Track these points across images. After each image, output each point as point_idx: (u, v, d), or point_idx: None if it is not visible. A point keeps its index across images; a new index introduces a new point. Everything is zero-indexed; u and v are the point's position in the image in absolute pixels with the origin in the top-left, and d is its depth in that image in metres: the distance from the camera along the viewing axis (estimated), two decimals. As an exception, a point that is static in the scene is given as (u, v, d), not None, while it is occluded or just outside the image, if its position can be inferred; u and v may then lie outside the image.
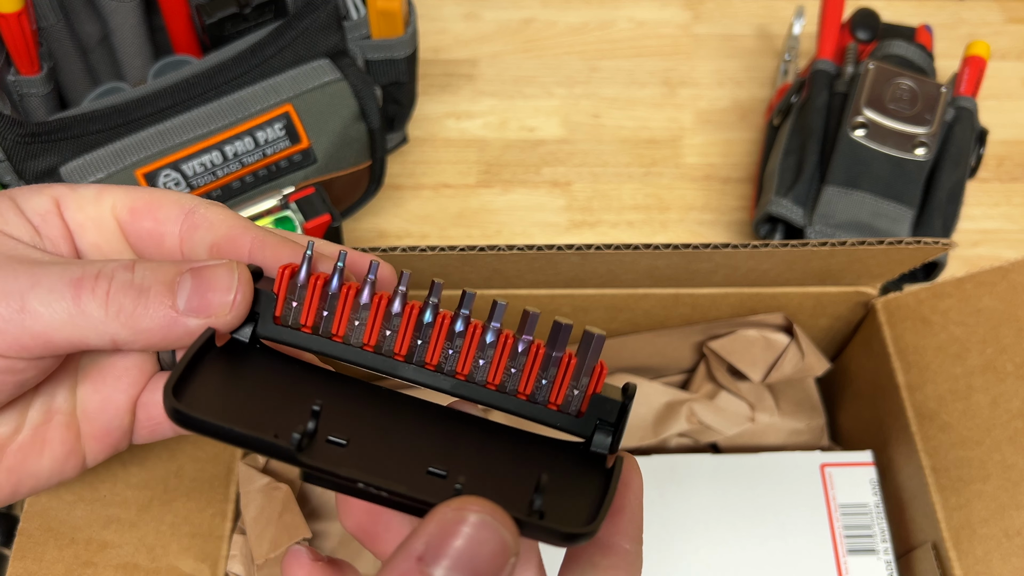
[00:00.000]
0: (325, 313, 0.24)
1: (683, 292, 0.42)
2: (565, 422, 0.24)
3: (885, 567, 0.39)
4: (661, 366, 0.47)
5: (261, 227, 0.27)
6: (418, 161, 0.58)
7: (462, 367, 0.24)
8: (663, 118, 0.61)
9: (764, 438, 0.45)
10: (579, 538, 0.20)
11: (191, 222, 0.26)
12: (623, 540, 0.22)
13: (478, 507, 0.19)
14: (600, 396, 0.24)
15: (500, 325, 0.24)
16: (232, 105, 0.45)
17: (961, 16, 0.66)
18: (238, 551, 0.38)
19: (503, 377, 0.24)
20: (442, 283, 0.24)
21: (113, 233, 0.27)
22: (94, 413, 0.28)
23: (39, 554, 0.32)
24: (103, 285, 0.24)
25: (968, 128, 0.52)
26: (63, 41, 0.48)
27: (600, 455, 0.24)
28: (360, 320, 0.24)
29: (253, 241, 0.26)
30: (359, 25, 0.47)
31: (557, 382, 0.24)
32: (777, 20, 0.65)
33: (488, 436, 0.25)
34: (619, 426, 0.24)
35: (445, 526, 0.19)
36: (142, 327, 0.24)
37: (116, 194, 0.27)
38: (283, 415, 0.22)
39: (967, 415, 0.38)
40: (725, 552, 0.39)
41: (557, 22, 0.65)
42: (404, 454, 0.23)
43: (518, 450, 0.24)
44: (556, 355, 0.24)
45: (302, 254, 0.24)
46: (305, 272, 0.24)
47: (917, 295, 0.41)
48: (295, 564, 0.24)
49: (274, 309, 0.24)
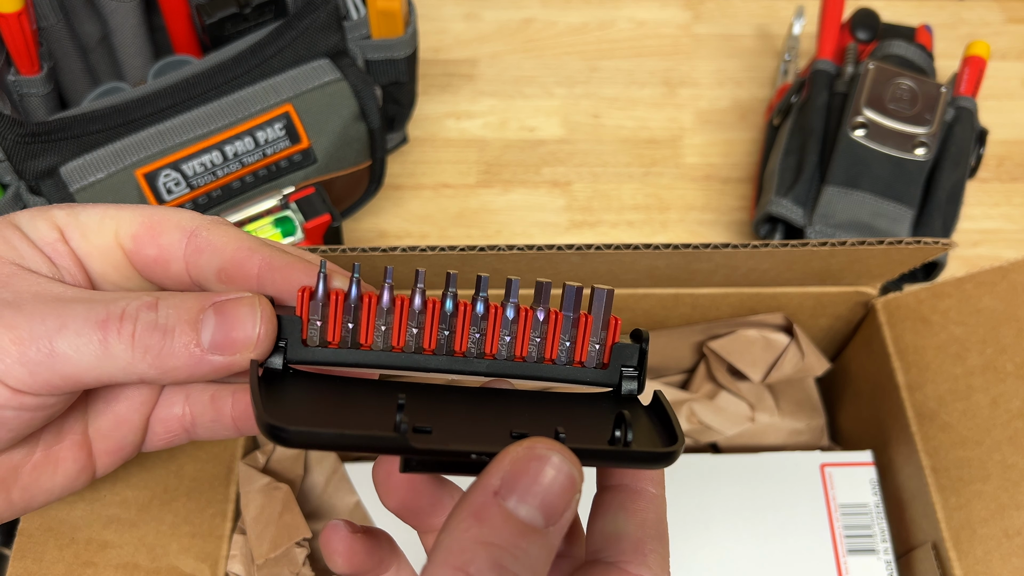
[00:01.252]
0: (350, 325, 0.25)
1: (683, 292, 0.42)
2: (593, 376, 0.26)
3: (885, 567, 0.39)
4: (661, 366, 0.47)
5: (266, 245, 0.27)
6: (418, 161, 0.58)
7: (490, 347, 0.25)
8: (663, 118, 0.61)
9: (764, 438, 0.45)
10: (671, 456, 0.22)
11: (194, 246, 0.26)
12: (649, 485, 0.24)
13: (549, 446, 0.21)
14: (620, 344, 0.26)
15: (517, 301, 0.25)
16: (232, 105, 0.45)
17: (961, 16, 0.66)
18: (238, 551, 0.38)
19: (529, 348, 0.26)
20: (456, 273, 0.25)
21: (120, 260, 0.27)
22: (107, 431, 0.28)
23: (39, 554, 0.32)
24: (128, 327, 0.24)
25: (968, 128, 0.52)
26: (63, 41, 0.48)
27: (632, 397, 0.26)
28: (386, 324, 0.25)
29: (261, 263, 0.26)
30: (359, 25, 0.47)
31: (579, 341, 0.26)
32: (777, 20, 0.65)
33: (534, 401, 0.26)
34: (642, 368, 0.26)
35: (519, 463, 0.20)
36: (168, 366, 0.24)
37: (118, 220, 0.27)
38: (363, 417, 0.23)
39: (967, 415, 0.38)
40: (725, 552, 0.39)
41: (557, 22, 0.65)
42: (483, 427, 0.24)
43: (565, 407, 0.26)
44: (574, 316, 0.25)
45: (309, 270, 0.25)
46: (323, 290, 0.24)
47: (917, 295, 0.41)
48: (335, 538, 0.25)
49: (300, 332, 0.25)
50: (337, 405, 0.24)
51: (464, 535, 0.19)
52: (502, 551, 0.19)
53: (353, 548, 0.26)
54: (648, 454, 0.23)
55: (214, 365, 0.24)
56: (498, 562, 0.19)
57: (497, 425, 0.24)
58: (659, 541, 0.23)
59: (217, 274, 0.26)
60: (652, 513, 0.23)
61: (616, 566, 0.22)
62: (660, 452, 0.23)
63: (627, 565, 0.22)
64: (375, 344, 0.25)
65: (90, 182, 0.43)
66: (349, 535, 0.25)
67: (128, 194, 0.43)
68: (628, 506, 0.23)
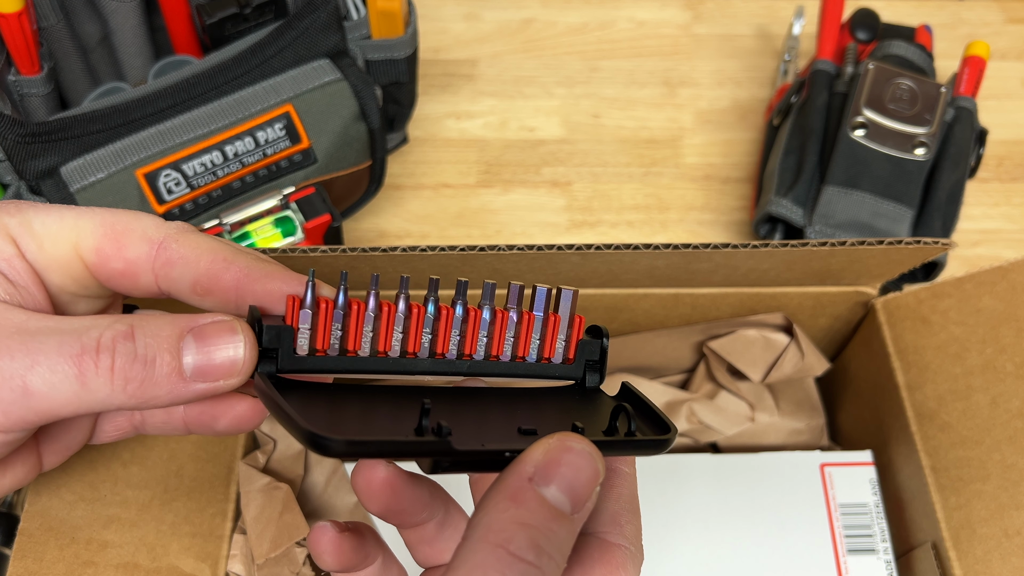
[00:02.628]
0: (339, 333, 0.25)
1: (683, 292, 0.42)
2: (560, 371, 0.28)
3: (885, 567, 0.39)
4: (661, 366, 0.47)
5: (242, 253, 0.26)
6: (418, 161, 0.59)
7: (469, 348, 0.26)
8: (663, 118, 0.61)
9: (764, 438, 0.45)
10: (669, 442, 0.25)
11: (164, 258, 0.26)
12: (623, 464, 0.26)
13: (577, 440, 0.22)
14: (583, 340, 0.28)
15: (493, 304, 0.26)
16: (232, 105, 0.45)
17: (961, 16, 0.66)
18: (238, 551, 0.38)
19: (504, 347, 0.27)
20: (438, 279, 0.26)
21: (80, 273, 0.26)
22: (56, 433, 0.28)
23: (39, 554, 0.32)
24: (106, 360, 0.23)
25: (968, 128, 0.52)
26: (63, 41, 0.48)
27: (595, 389, 0.28)
28: (373, 331, 0.25)
29: (239, 275, 0.25)
30: (359, 25, 0.47)
31: (548, 339, 0.27)
32: (777, 20, 0.65)
33: (512, 397, 0.27)
34: (603, 361, 0.28)
35: (552, 452, 0.22)
36: (150, 396, 0.24)
37: (78, 231, 0.25)
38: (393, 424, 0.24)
39: (967, 415, 0.38)
40: (725, 552, 0.39)
41: (557, 22, 0.65)
42: (493, 425, 0.25)
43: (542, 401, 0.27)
44: (544, 317, 0.27)
45: (288, 279, 0.26)
46: (312, 298, 0.25)
47: (917, 295, 0.41)
48: (323, 539, 0.26)
49: (291, 341, 0.25)
50: (354, 412, 0.25)
51: (503, 515, 0.21)
52: (537, 531, 0.20)
53: (340, 547, 0.26)
54: (652, 442, 0.25)
55: (197, 392, 0.24)
56: (535, 541, 0.20)
57: (504, 422, 0.25)
58: (633, 514, 0.25)
59: (192, 287, 0.26)
60: (626, 489, 0.25)
61: (595, 536, 0.24)
62: (661, 439, 0.25)
63: (606, 535, 0.24)
64: (362, 350, 0.25)
65: (90, 182, 0.43)
66: (336, 535, 0.26)
67: (128, 194, 0.43)
68: (605, 483, 0.25)
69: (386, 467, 0.25)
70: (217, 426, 0.28)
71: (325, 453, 0.21)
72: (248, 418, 0.28)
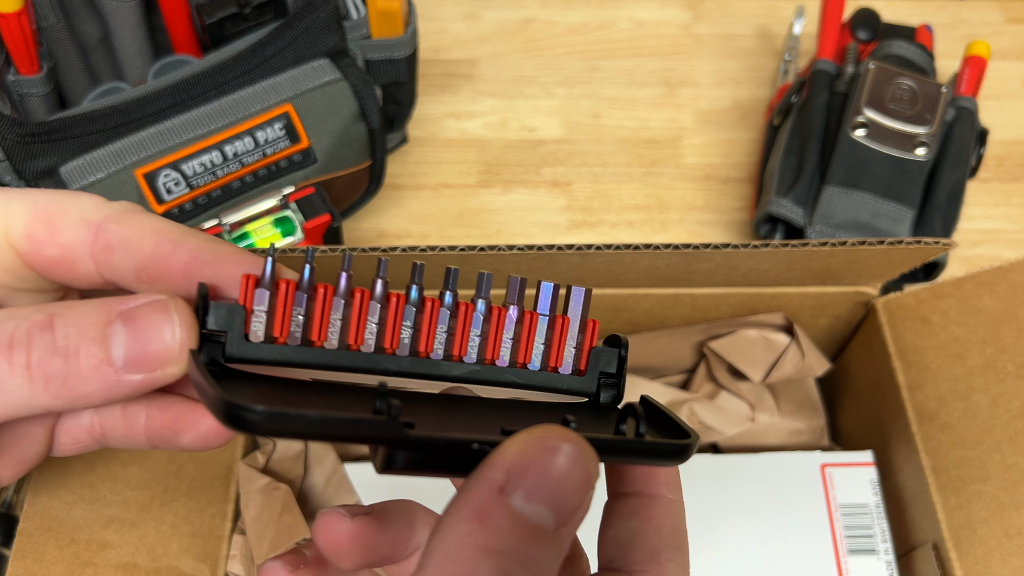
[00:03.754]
0: (301, 318, 0.22)
1: (683, 292, 0.42)
2: (570, 383, 0.24)
3: (885, 567, 0.39)
4: (661, 366, 0.47)
5: (192, 235, 0.23)
6: (418, 161, 0.58)
7: (459, 348, 0.23)
8: (663, 118, 0.61)
9: (764, 438, 0.45)
10: (689, 449, 0.20)
11: (103, 242, 0.23)
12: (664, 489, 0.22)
13: (561, 435, 0.18)
14: (598, 349, 0.24)
15: (489, 299, 0.23)
16: (232, 105, 0.45)
17: (961, 16, 0.66)
18: (238, 551, 0.38)
19: (501, 351, 0.23)
20: (424, 264, 0.22)
21: (11, 262, 0.23)
22: (7, 445, 0.25)
23: (39, 554, 0.32)
24: (20, 355, 0.20)
25: (968, 128, 0.51)
26: (63, 41, 0.48)
27: (611, 407, 0.24)
28: (343, 319, 0.22)
29: (188, 258, 0.22)
30: (359, 25, 0.47)
31: (555, 345, 0.23)
32: (777, 20, 0.65)
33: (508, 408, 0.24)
34: (621, 375, 0.24)
35: (527, 454, 0.17)
36: (78, 394, 0.21)
37: (5, 214, 0.22)
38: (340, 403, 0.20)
39: (967, 415, 0.38)
40: (725, 552, 0.39)
41: (557, 22, 0.65)
42: (471, 422, 0.21)
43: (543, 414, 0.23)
44: (551, 317, 0.23)
45: (244, 262, 0.22)
46: (271, 275, 0.21)
47: (917, 295, 0.41)
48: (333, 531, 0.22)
49: (243, 324, 0.21)
50: (301, 394, 0.21)
51: (464, 540, 0.17)
52: (509, 559, 0.17)
53: (357, 538, 0.22)
54: (666, 445, 0.20)
55: (133, 385, 0.21)
56: (505, 573, 0.16)
57: (485, 423, 0.21)
58: (677, 550, 0.21)
59: (136, 274, 0.23)
60: (669, 519, 0.21)
61: (631, 575, 0.20)
62: (677, 444, 0.20)
63: (642, 575, 0.20)
64: (329, 341, 0.22)
65: (90, 182, 0.43)
66: (350, 525, 0.22)
67: (128, 194, 0.43)
68: (642, 512, 0.21)
69: (350, 520, 0.22)
70: (180, 441, 0.25)
71: (242, 428, 0.17)
72: (214, 435, 0.25)
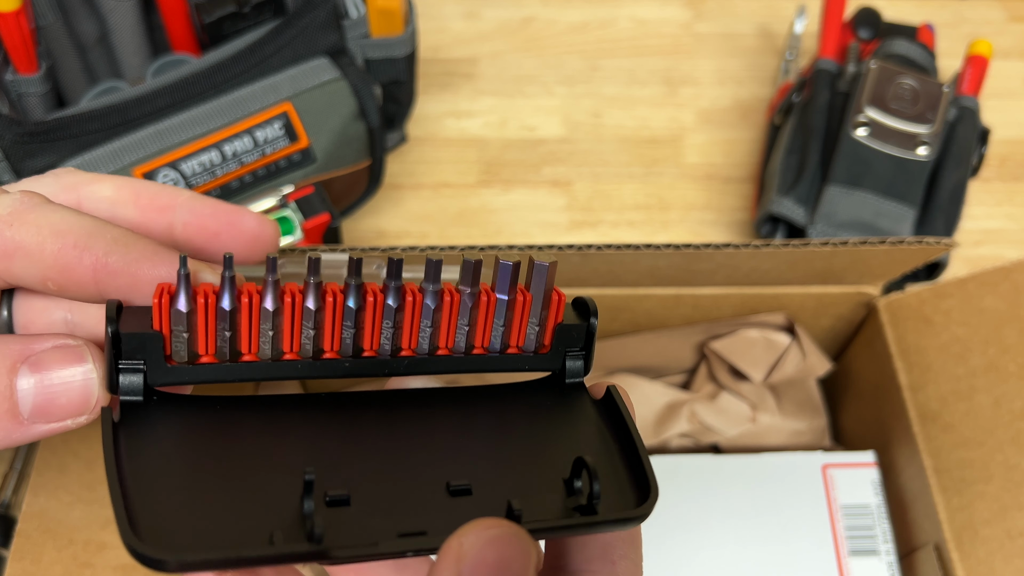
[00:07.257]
0: (227, 333, 0.20)
1: (684, 292, 0.42)
2: (532, 363, 0.23)
3: (887, 568, 0.39)
4: (662, 366, 0.47)
5: (100, 233, 0.20)
6: (418, 160, 0.58)
7: (408, 342, 0.21)
8: (664, 117, 0.61)
9: (765, 439, 0.45)
10: (640, 518, 0.20)
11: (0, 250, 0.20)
12: None
13: (503, 536, 0.17)
14: (563, 325, 0.22)
15: (440, 286, 0.21)
16: (231, 104, 0.45)
17: (963, 15, 0.65)
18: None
19: (456, 337, 0.22)
20: (361, 259, 0.21)
21: None
22: None
23: (37, 555, 0.32)
24: None
25: (970, 127, 0.51)
26: (61, 40, 0.48)
27: (577, 384, 0.23)
28: (274, 328, 0.20)
29: (94, 265, 0.20)
30: (358, 24, 0.47)
31: (515, 324, 0.22)
32: (779, 19, 0.65)
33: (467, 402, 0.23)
34: (589, 347, 0.23)
35: (468, 568, 0.16)
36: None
37: None
38: (262, 492, 0.19)
39: (969, 416, 0.38)
40: (726, 553, 0.39)
41: (558, 21, 0.65)
42: (413, 480, 0.20)
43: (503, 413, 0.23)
44: (509, 298, 0.22)
45: (159, 263, 0.21)
46: (186, 294, 0.19)
47: (919, 295, 0.41)
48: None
49: (163, 349, 0.20)
50: (219, 473, 0.19)
51: None
52: None
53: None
54: (614, 522, 0.19)
55: (37, 434, 0.20)
56: None
57: (428, 473, 0.20)
58: (630, 546, 0.20)
59: (43, 284, 0.20)
60: None
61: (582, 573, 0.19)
62: (627, 517, 0.19)
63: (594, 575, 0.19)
64: (262, 352, 0.20)
65: (88, 181, 0.42)
66: None
67: (126, 193, 0.43)
68: None
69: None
70: None
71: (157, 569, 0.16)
72: None
